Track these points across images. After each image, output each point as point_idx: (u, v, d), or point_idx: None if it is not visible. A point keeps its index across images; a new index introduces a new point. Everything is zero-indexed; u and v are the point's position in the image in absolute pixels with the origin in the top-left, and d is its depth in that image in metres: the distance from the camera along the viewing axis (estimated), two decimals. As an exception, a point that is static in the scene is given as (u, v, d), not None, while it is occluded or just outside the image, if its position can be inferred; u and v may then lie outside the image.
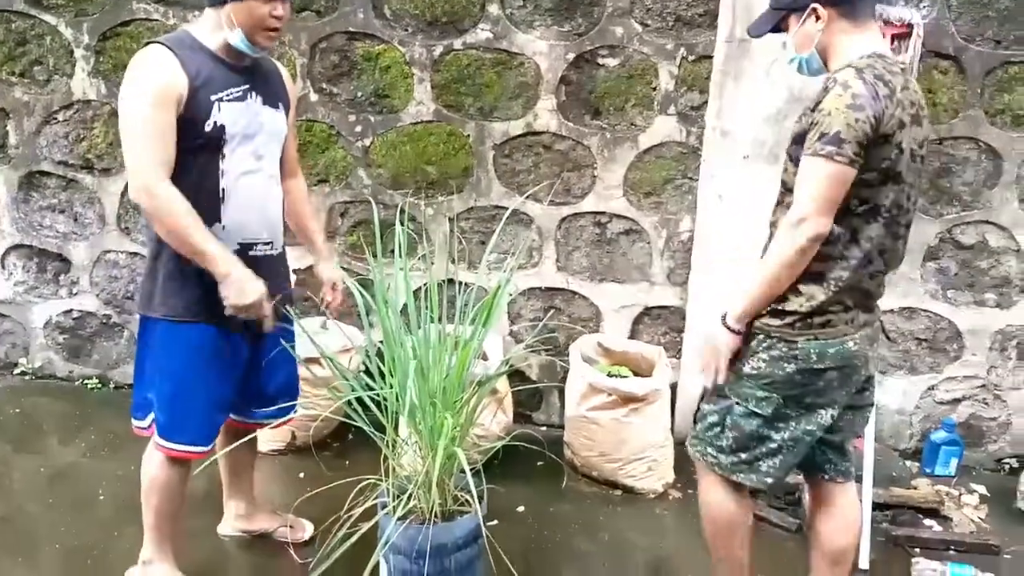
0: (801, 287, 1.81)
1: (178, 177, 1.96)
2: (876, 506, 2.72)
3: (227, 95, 2.00)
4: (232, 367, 2.18)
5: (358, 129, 3.27)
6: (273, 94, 2.16)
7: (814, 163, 1.70)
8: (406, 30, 3.14)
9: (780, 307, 1.84)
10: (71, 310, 3.70)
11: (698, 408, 2.12)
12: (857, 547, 2.24)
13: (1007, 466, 3.26)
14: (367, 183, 3.33)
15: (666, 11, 2.99)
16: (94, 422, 3.40)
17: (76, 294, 3.67)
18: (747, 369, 1.91)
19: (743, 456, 1.96)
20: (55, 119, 3.42)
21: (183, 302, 2.06)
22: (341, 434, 3.29)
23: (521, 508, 2.86)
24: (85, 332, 3.73)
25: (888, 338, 3.22)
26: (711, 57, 2.97)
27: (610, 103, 3.13)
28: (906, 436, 3.34)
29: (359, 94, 3.24)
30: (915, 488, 3.04)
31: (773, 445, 1.92)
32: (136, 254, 3.53)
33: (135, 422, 2.25)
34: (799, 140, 1.79)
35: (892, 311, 3.18)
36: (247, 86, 2.06)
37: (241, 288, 1.97)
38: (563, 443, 3.17)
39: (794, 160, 1.82)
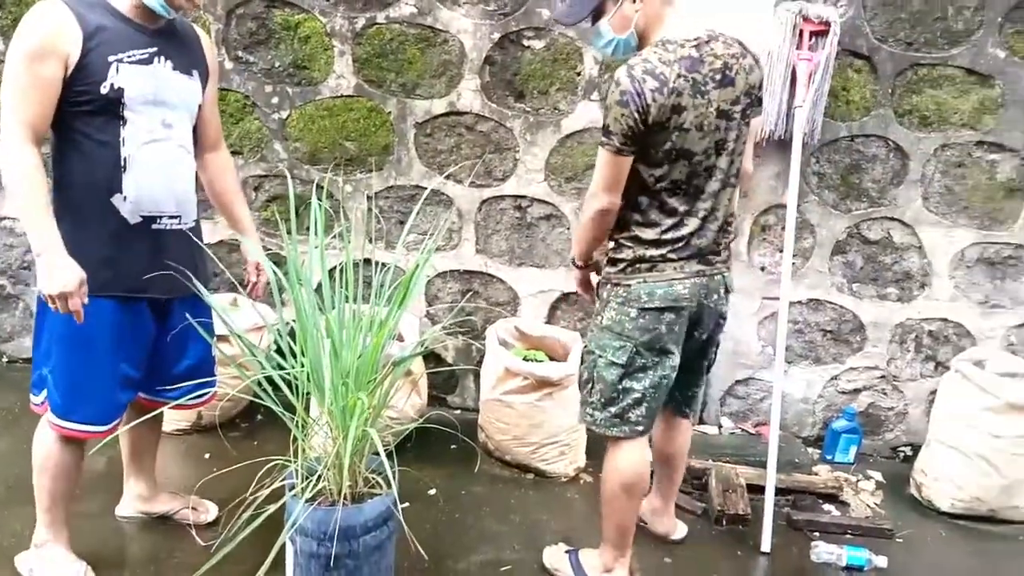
0: (629, 239, 2.11)
1: (75, 141, 1.88)
2: (778, 491, 2.80)
3: (128, 56, 1.88)
4: (135, 343, 2.07)
5: (275, 100, 3.17)
6: (187, 61, 2.04)
7: (600, 150, 2.00)
8: (327, 0, 3.05)
9: (615, 255, 2.14)
10: (-41, 279, 3.48)
11: (579, 373, 2.29)
12: (685, 457, 2.59)
13: (902, 454, 3.41)
14: (283, 157, 3.23)
15: (593, -4, 2.98)
16: (-17, 398, 3.22)
17: (-35, 263, 3.46)
18: (604, 321, 2.16)
19: (612, 410, 2.18)
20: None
21: None
22: (250, 414, 3.20)
23: (433, 491, 2.84)
24: (-25, 303, 3.52)
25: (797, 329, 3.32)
26: (636, 45, 2.98)
27: (534, 86, 3.12)
28: (809, 424, 3.46)
29: (277, 64, 3.13)
30: (816, 474, 3.16)
31: (637, 395, 2.16)
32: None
33: (32, 398, 2.13)
34: None
35: (800, 302, 3.28)
36: (155, 49, 1.94)
37: (49, 273, 1.82)
38: (477, 426, 3.16)
39: None
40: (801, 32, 2.82)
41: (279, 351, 2.05)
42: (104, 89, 1.85)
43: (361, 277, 2.20)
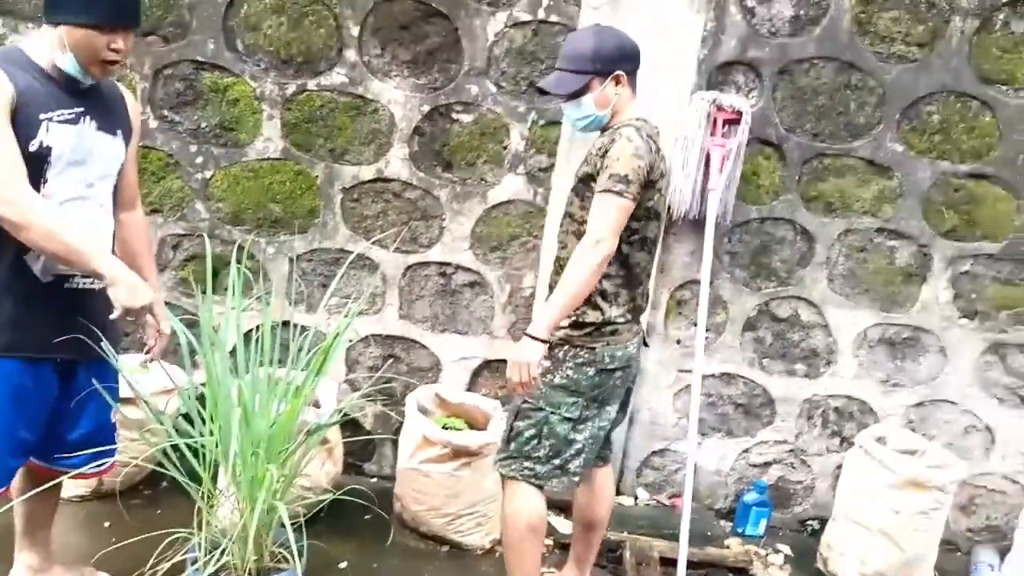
0: (598, 302, 2.22)
1: None
2: (691, 564, 2.83)
3: (57, 116, 1.87)
4: (36, 406, 1.98)
5: (199, 160, 3.15)
6: (111, 120, 2.03)
7: (607, 198, 2.09)
8: (258, 65, 3.07)
9: (581, 319, 2.22)
10: None
11: (510, 429, 2.33)
12: (609, 516, 2.65)
13: (810, 527, 3.49)
14: (204, 216, 3.20)
15: (520, 75, 3.09)
16: None
17: None
18: (557, 380, 2.25)
19: (556, 462, 2.27)
20: None
21: None
22: (154, 481, 3.07)
23: (343, 564, 2.77)
24: None
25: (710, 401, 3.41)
26: (560, 123, 3.08)
27: (462, 157, 3.18)
28: (721, 496, 3.52)
29: (203, 124, 3.12)
30: (727, 547, 3.20)
31: (578, 446, 2.28)
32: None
33: None
34: (585, 180, 2.23)
35: (713, 375, 3.37)
36: (81, 109, 1.92)
37: (133, 290, 1.84)
38: (393, 496, 3.11)
39: (579, 195, 2.26)
40: (715, 120, 2.97)
41: (187, 416, 2.00)
42: (33, 147, 1.83)
43: (279, 341, 2.17)
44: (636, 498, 3.49)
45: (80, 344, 1.95)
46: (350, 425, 3.37)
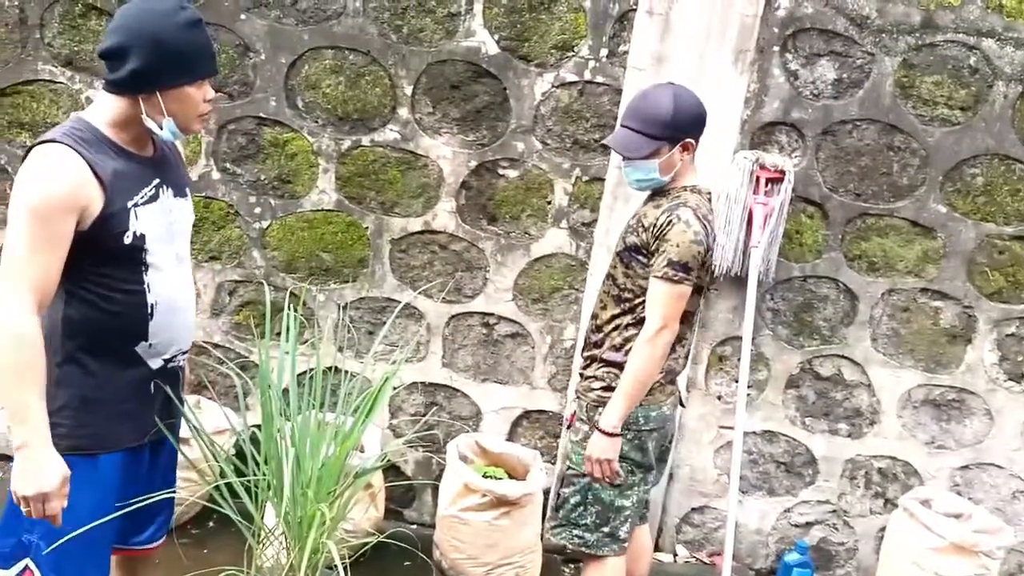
0: None
1: (94, 295, 1.73)
2: (730, 623, 2.81)
3: (140, 198, 1.74)
4: (132, 492, 1.87)
5: (257, 211, 3.28)
6: (179, 181, 1.92)
7: (666, 287, 2.14)
8: (316, 122, 3.22)
9: (614, 384, 2.23)
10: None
11: (557, 495, 2.37)
12: (647, 573, 2.69)
13: (853, 590, 3.43)
14: (260, 264, 3.32)
15: (565, 133, 3.19)
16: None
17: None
18: None
19: (605, 530, 2.30)
20: (-65, 166, 3.29)
21: (95, 430, 1.78)
22: (202, 520, 3.14)
23: (384, 608, 2.80)
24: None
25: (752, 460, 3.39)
26: (603, 179, 3.16)
27: (507, 211, 3.27)
28: (762, 556, 3.48)
29: (262, 177, 3.26)
30: (768, 607, 3.16)
31: (627, 512, 2.30)
32: None
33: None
34: (633, 249, 2.25)
35: (755, 433, 3.37)
36: (156, 181, 1.81)
37: (29, 471, 1.58)
38: (432, 543, 3.14)
39: (624, 262, 2.27)
40: (758, 178, 3.02)
41: (239, 455, 2.07)
42: (127, 239, 1.71)
43: (328, 385, 2.25)
44: (675, 555, 3.46)
45: (174, 421, 1.94)
46: (392, 470, 3.42)
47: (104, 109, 1.73)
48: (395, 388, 3.39)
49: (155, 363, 1.85)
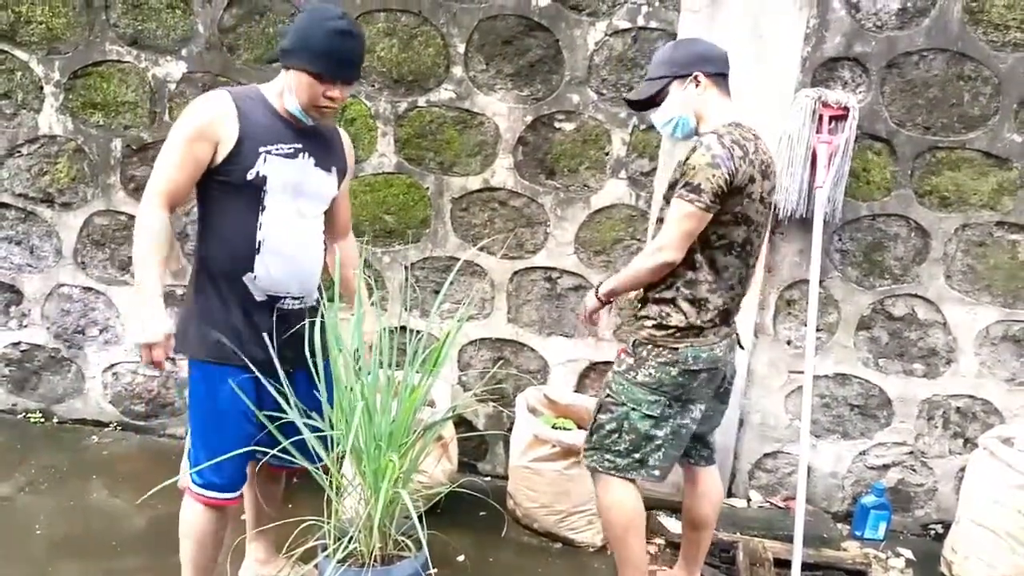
0: (683, 306, 2.25)
1: (219, 219, 2.11)
2: (806, 566, 2.81)
3: (276, 149, 2.08)
4: (261, 409, 2.15)
5: (320, 177, 3.35)
6: (328, 158, 2.23)
7: (679, 204, 2.16)
8: (372, 86, 3.25)
9: (665, 322, 2.27)
10: (19, 342, 3.67)
11: (594, 421, 2.42)
12: (716, 516, 2.67)
13: (932, 532, 3.39)
14: (326, 229, 3.40)
15: (620, 82, 3.15)
16: (34, 456, 3.36)
17: (26, 326, 3.65)
18: (640, 378, 2.30)
19: (636, 456, 2.34)
20: (19, 152, 3.45)
21: (213, 341, 2.11)
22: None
23: (462, 557, 2.89)
24: (32, 365, 3.69)
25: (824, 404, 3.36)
26: (662, 127, 3.12)
27: (564, 164, 3.27)
28: (838, 499, 3.45)
29: (323, 143, 3.32)
30: (845, 550, 3.15)
31: (658, 442, 2.32)
32: (91, 289, 3.53)
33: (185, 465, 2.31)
34: (672, 187, 2.23)
35: (827, 376, 3.32)
36: (300, 146, 2.13)
37: (141, 324, 2.02)
38: (506, 493, 3.22)
39: (668, 201, 2.25)
40: (821, 116, 2.94)
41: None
42: (250, 175, 2.05)
43: (396, 344, 2.31)
44: (749, 500, 3.47)
45: (292, 354, 2.14)
46: (464, 424, 3.50)
47: (274, 81, 2.13)
48: (463, 345, 3.46)
49: (259, 296, 2.14)
